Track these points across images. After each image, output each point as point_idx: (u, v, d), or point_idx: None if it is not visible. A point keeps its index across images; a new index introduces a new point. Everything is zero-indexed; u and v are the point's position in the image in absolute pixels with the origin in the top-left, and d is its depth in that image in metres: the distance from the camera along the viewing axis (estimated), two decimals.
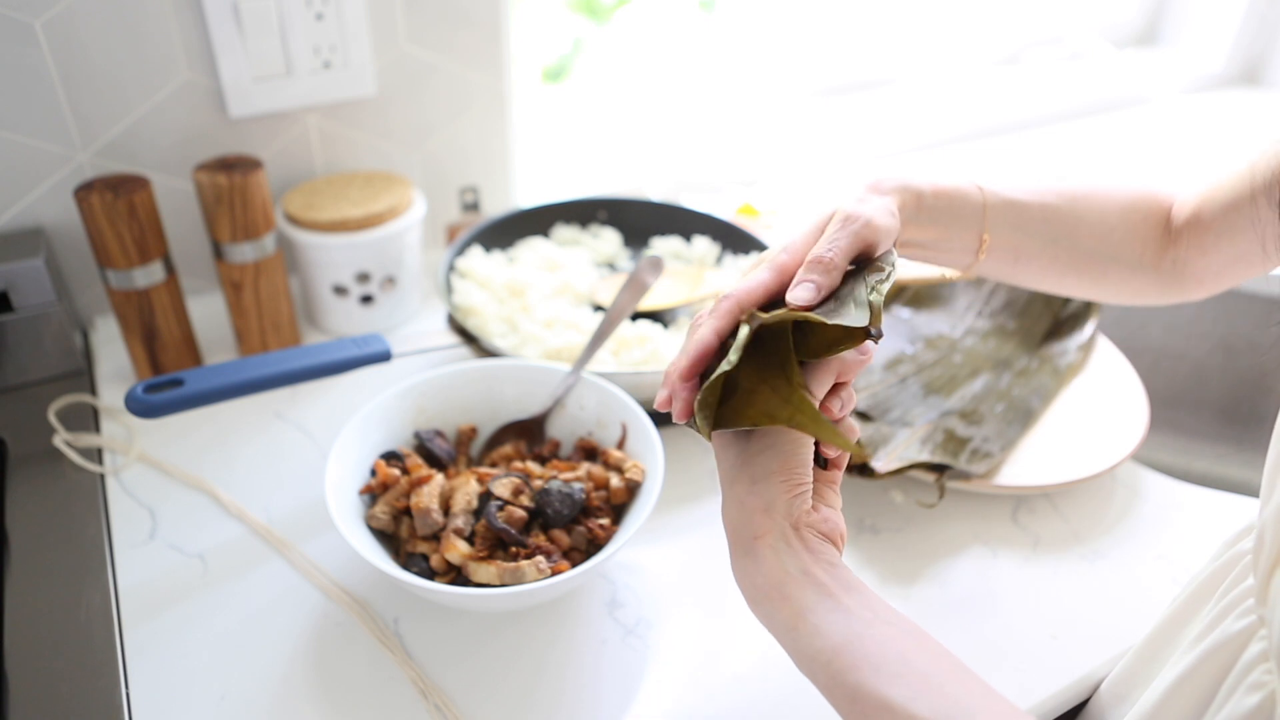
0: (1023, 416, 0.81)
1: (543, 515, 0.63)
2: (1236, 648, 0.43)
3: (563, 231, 0.99)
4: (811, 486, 0.46)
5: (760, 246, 0.94)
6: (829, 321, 0.44)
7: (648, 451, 0.66)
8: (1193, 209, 0.63)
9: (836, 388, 0.48)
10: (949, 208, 0.60)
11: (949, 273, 0.66)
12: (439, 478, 0.65)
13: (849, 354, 0.46)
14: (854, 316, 0.44)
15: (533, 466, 0.67)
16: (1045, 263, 0.64)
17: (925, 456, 0.75)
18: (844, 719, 0.41)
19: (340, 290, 0.90)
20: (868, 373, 0.84)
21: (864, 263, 0.49)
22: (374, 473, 0.66)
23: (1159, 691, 0.47)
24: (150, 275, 0.78)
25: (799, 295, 0.46)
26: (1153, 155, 1.38)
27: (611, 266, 0.97)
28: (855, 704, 0.40)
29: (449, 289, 0.88)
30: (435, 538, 0.62)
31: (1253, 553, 0.44)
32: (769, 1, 1.30)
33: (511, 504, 0.62)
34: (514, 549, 0.61)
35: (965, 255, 0.62)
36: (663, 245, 0.98)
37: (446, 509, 0.63)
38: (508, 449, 0.71)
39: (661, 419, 0.77)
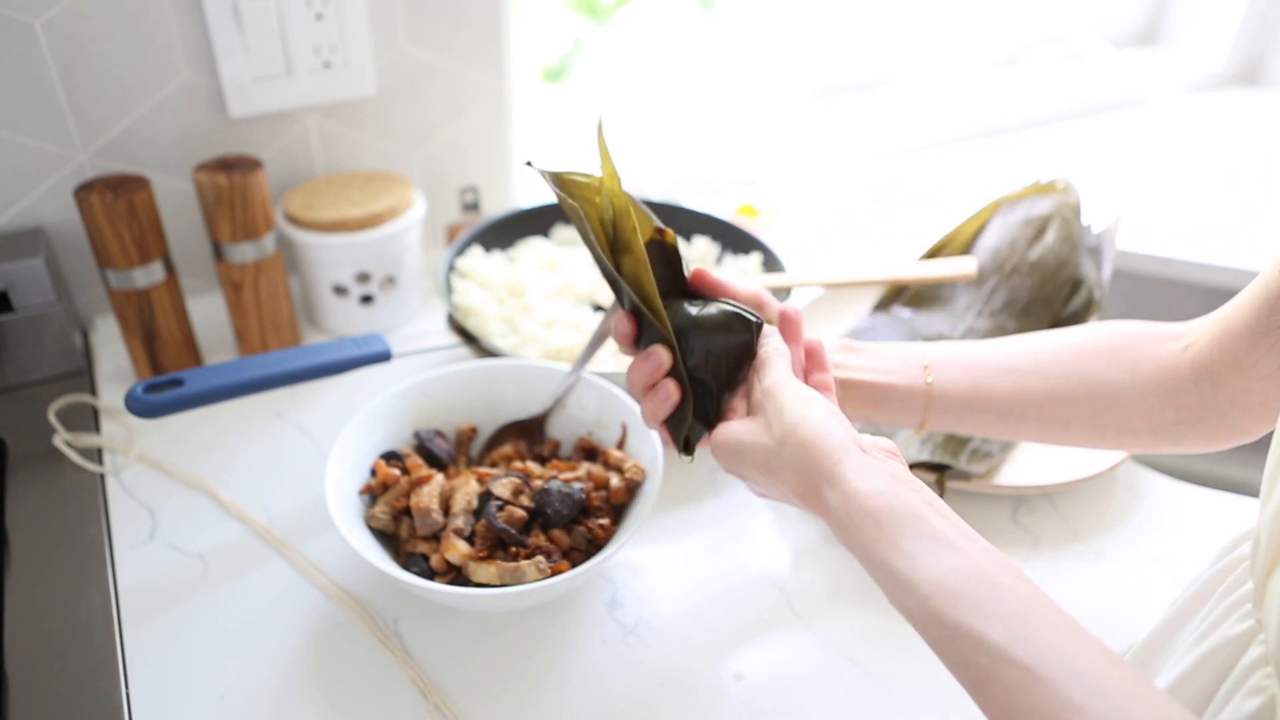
0: None
1: (543, 515, 0.63)
2: (1235, 651, 0.43)
3: (563, 231, 0.99)
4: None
5: (760, 246, 0.94)
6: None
7: (648, 451, 0.66)
8: (1219, 321, 0.56)
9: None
10: (875, 347, 0.62)
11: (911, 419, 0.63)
12: (439, 478, 0.65)
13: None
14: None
15: (533, 466, 0.67)
16: (1013, 394, 0.59)
17: (925, 456, 0.75)
18: (934, 650, 0.41)
19: (340, 290, 0.90)
20: None
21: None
22: (374, 473, 0.66)
23: None
24: (150, 275, 0.78)
25: None
26: (1153, 155, 1.38)
27: None
28: (952, 642, 0.39)
29: (449, 289, 0.88)
30: (435, 538, 0.62)
31: (1250, 557, 0.44)
32: (769, 1, 1.30)
33: (511, 504, 0.62)
34: (514, 549, 0.61)
35: (912, 385, 0.60)
36: None
37: (446, 509, 0.63)
38: (508, 449, 0.71)
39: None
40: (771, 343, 0.53)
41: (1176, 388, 0.57)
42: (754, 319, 0.53)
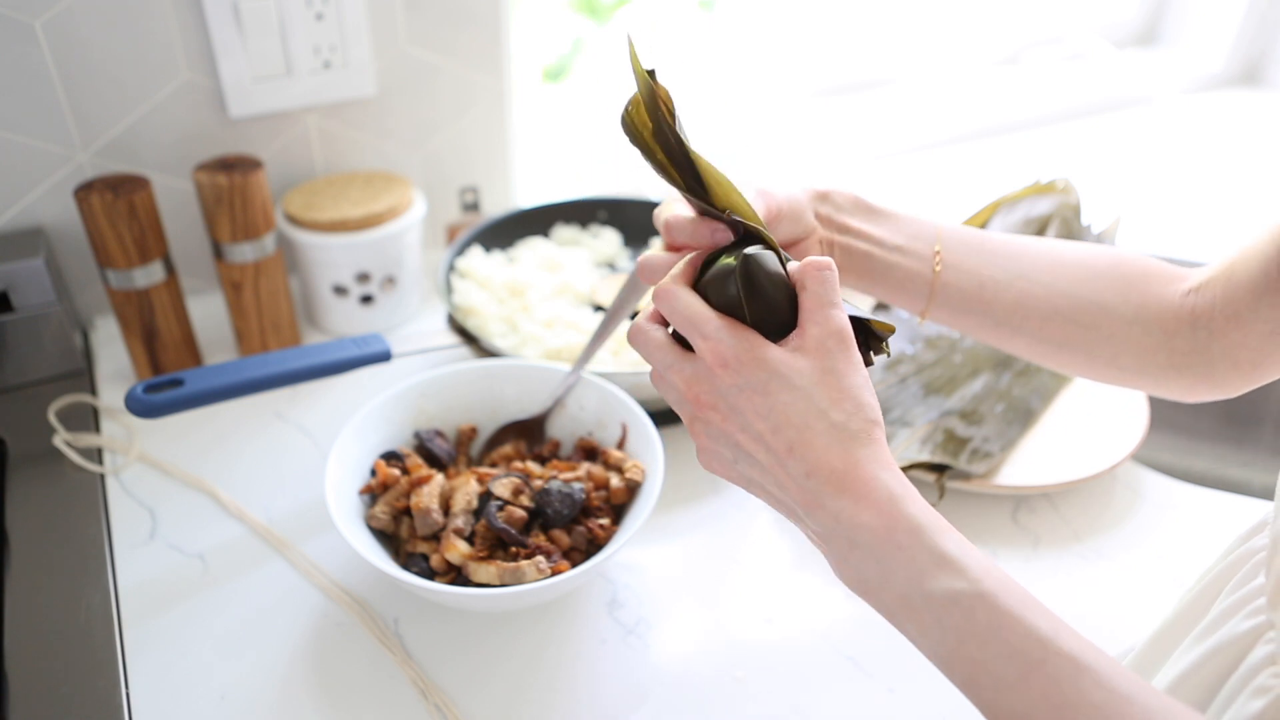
0: (1023, 416, 0.81)
1: (543, 515, 0.63)
2: (1242, 648, 0.42)
3: (563, 231, 0.99)
4: None
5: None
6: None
7: (648, 451, 0.66)
8: (1224, 269, 0.55)
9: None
10: (894, 214, 0.59)
11: (906, 314, 0.60)
12: (439, 478, 0.65)
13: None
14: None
15: (533, 466, 0.67)
16: (1017, 303, 0.57)
17: (925, 456, 0.75)
18: (967, 644, 0.39)
19: (340, 290, 0.90)
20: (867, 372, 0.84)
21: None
22: (374, 473, 0.66)
23: (1160, 689, 0.46)
24: (150, 275, 0.78)
25: None
26: (1153, 155, 1.38)
27: (611, 266, 0.97)
28: (1002, 629, 0.38)
29: (449, 289, 0.88)
30: (435, 538, 0.62)
31: (1267, 550, 0.43)
32: (769, 1, 1.30)
33: (511, 504, 0.62)
34: (514, 549, 0.61)
35: (919, 270, 0.57)
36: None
37: (446, 509, 0.63)
38: (508, 449, 0.71)
39: (662, 419, 0.77)
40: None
41: (1174, 331, 0.56)
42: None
